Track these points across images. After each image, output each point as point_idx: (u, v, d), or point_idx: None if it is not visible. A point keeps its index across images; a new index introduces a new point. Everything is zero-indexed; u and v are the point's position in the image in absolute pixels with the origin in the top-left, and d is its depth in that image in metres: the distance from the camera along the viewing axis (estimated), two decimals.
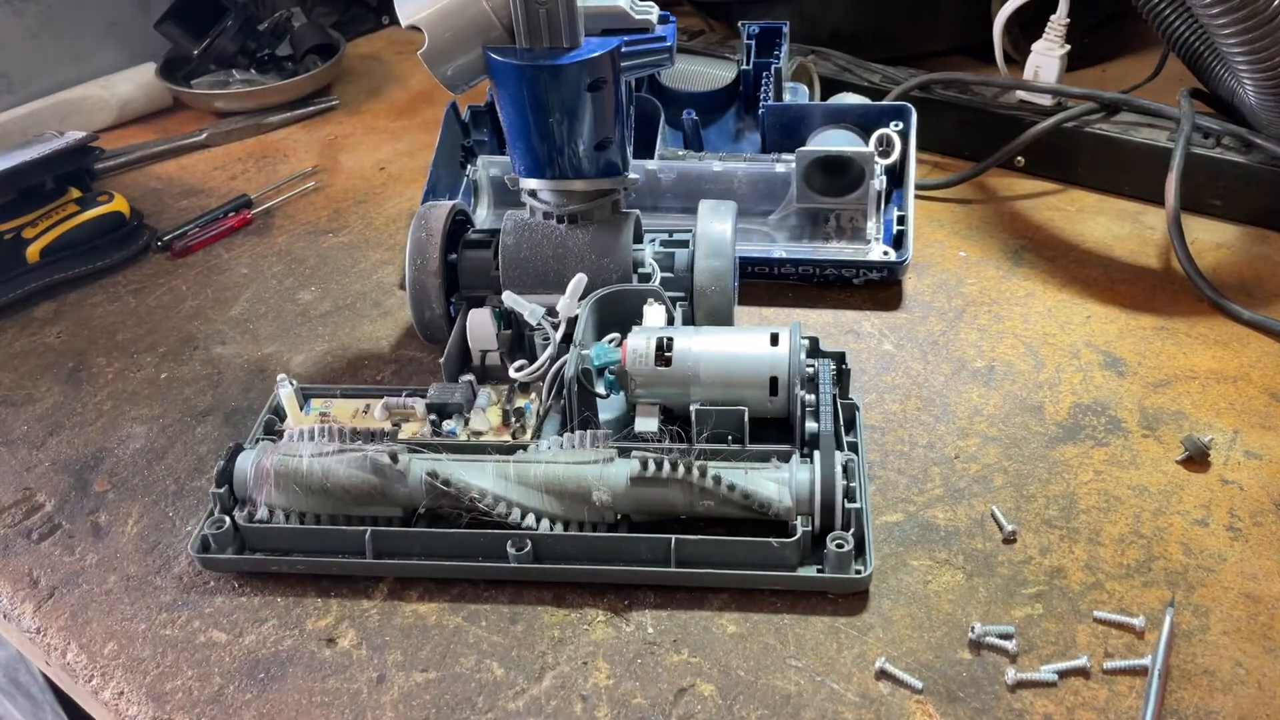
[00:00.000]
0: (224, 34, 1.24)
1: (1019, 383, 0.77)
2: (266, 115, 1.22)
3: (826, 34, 1.20)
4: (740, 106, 1.04)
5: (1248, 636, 0.57)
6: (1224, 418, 0.73)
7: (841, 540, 0.59)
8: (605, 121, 0.69)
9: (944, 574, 0.62)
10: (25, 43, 1.19)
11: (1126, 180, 0.99)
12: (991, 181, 1.03)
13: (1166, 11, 0.94)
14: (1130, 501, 0.66)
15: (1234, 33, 0.80)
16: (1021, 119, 1.01)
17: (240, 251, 0.98)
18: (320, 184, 1.10)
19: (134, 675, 0.58)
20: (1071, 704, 0.54)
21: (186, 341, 0.86)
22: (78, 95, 1.22)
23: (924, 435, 0.72)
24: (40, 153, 0.94)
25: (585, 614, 0.60)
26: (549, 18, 0.64)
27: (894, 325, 0.84)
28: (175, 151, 1.17)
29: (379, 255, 0.96)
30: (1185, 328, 0.82)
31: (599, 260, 0.74)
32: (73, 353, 0.86)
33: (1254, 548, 0.63)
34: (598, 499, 0.61)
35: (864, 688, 0.56)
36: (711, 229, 0.76)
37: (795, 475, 0.61)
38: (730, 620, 0.60)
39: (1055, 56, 1.00)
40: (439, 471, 0.61)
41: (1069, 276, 0.89)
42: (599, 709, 0.55)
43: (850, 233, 0.92)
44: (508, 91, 0.67)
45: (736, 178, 0.93)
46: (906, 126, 0.93)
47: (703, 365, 0.65)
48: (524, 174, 0.73)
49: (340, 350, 0.84)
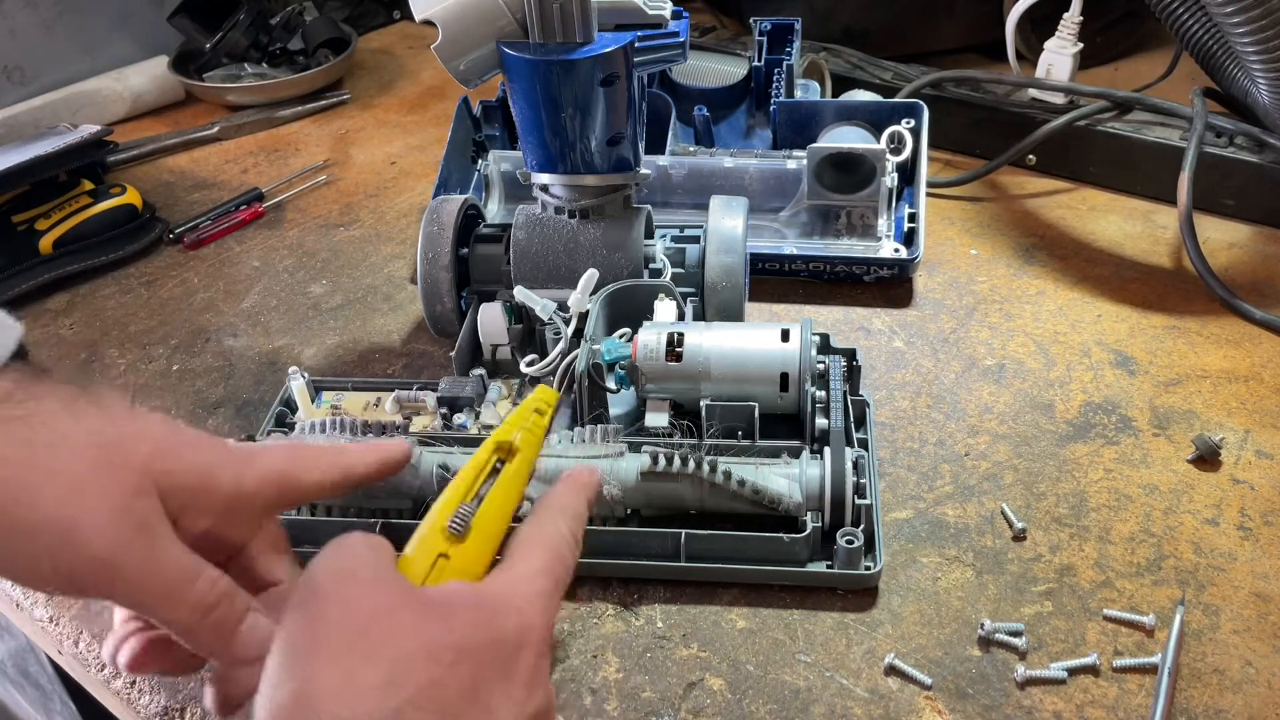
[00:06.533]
0: (236, 28, 1.24)
1: (1030, 381, 0.77)
2: (278, 109, 1.22)
3: (838, 31, 1.20)
4: (752, 103, 1.04)
5: (1258, 636, 0.57)
6: (1235, 417, 0.72)
7: (851, 536, 0.59)
8: (618, 117, 0.69)
9: (954, 571, 0.62)
10: (38, 35, 1.20)
11: (1138, 179, 0.99)
12: (1003, 179, 1.03)
13: (1180, 10, 0.94)
14: (1141, 500, 0.66)
15: (1248, 32, 0.80)
16: (1033, 117, 1.01)
17: (252, 244, 0.99)
18: (332, 178, 1.10)
19: None
20: (1081, 701, 0.54)
21: (198, 333, 0.86)
22: (90, 88, 1.22)
23: (934, 432, 0.72)
24: (53, 145, 0.95)
25: (595, 607, 0.61)
26: (563, 12, 0.64)
27: (904, 322, 0.84)
28: (187, 144, 1.18)
29: (390, 249, 0.97)
30: (1197, 327, 0.82)
31: (610, 255, 0.74)
32: (85, 344, 0.86)
33: (1265, 547, 0.63)
34: (608, 493, 0.61)
35: (873, 683, 0.56)
36: (723, 225, 0.76)
37: (805, 471, 0.61)
38: (740, 615, 0.60)
39: (1067, 55, 1.00)
40: (450, 464, 0.62)
41: (1080, 275, 0.89)
42: (608, 702, 0.55)
43: (861, 230, 0.91)
44: (520, 86, 0.67)
45: (748, 174, 0.93)
46: (918, 124, 0.93)
47: (713, 361, 0.65)
48: (536, 169, 0.73)
49: (351, 343, 0.84)
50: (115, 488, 0.39)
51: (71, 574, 0.37)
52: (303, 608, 0.37)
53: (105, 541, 0.38)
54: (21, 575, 0.38)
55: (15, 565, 0.37)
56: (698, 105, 0.99)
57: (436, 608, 0.37)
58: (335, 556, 0.39)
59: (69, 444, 0.39)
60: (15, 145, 0.98)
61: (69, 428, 0.39)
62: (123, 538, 0.38)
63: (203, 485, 0.42)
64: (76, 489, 0.38)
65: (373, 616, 0.36)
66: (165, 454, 0.41)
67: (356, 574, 0.38)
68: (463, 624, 0.37)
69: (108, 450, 0.39)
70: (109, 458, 0.39)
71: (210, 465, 0.42)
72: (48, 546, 0.37)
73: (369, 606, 0.36)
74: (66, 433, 0.39)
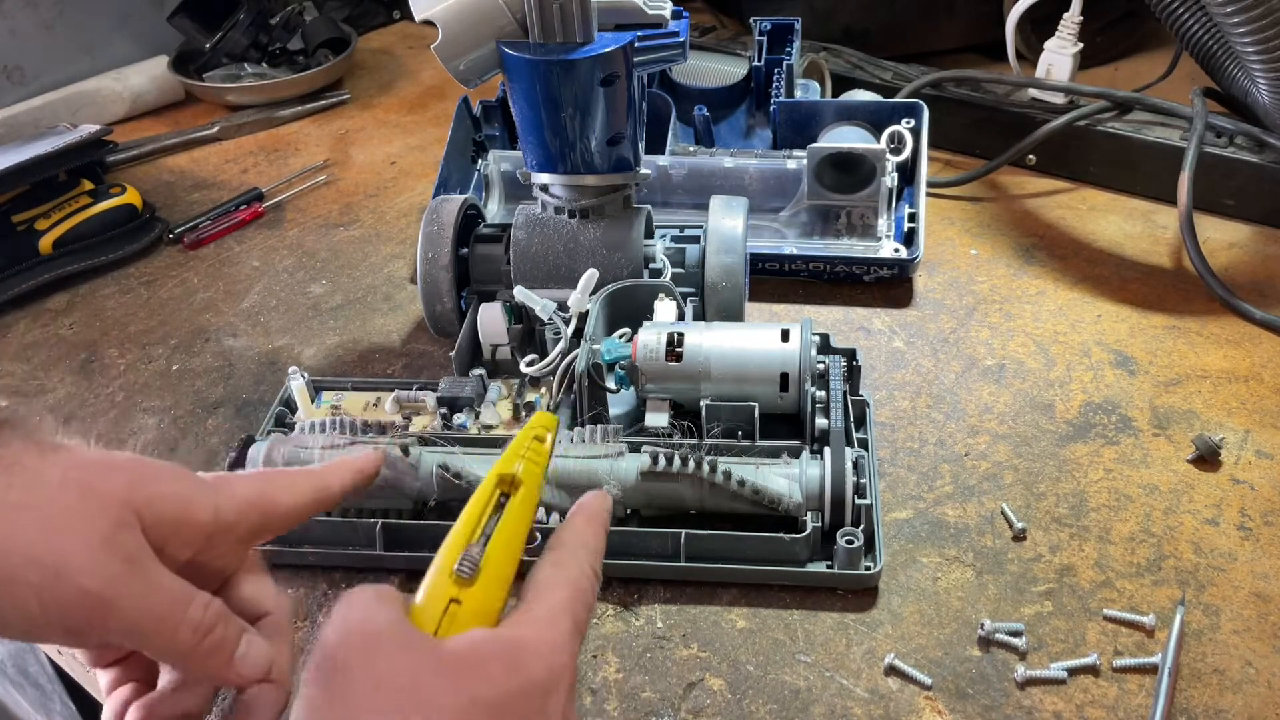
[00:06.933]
0: (236, 27, 1.24)
1: (1029, 381, 0.77)
2: (278, 109, 1.23)
3: (838, 30, 1.20)
4: (752, 103, 1.04)
5: (1258, 636, 0.57)
6: (1235, 417, 0.72)
7: (851, 536, 0.59)
8: (618, 117, 0.69)
9: (954, 571, 0.62)
10: (38, 35, 1.20)
11: (1138, 179, 0.99)
12: (1003, 179, 1.03)
13: (1180, 10, 0.94)
14: (1141, 500, 0.66)
15: (1248, 32, 0.80)
16: (1033, 117, 1.01)
17: (252, 244, 0.99)
18: (331, 178, 1.10)
19: None
20: (1081, 701, 0.54)
21: (198, 333, 0.86)
22: (90, 88, 1.22)
23: (934, 432, 0.72)
24: (53, 145, 0.95)
25: (595, 607, 0.60)
26: (562, 12, 0.64)
27: (904, 322, 0.83)
28: (187, 144, 1.18)
29: (390, 249, 0.97)
30: (1197, 327, 0.82)
31: (610, 255, 0.74)
32: (85, 344, 0.86)
33: (1265, 547, 0.63)
34: (608, 493, 0.61)
35: (873, 683, 0.56)
36: (723, 225, 0.76)
37: (805, 471, 0.61)
38: (740, 615, 0.60)
39: (1068, 55, 1.00)
40: (450, 464, 0.62)
41: (1080, 275, 0.89)
42: (608, 702, 0.55)
43: (861, 230, 0.91)
44: (520, 86, 0.67)
45: (748, 174, 0.93)
46: (918, 124, 0.93)
47: (713, 361, 0.65)
48: (536, 169, 0.73)
49: (351, 343, 0.84)
50: (99, 521, 0.38)
51: (62, 613, 0.37)
52: (327, 682, 0.35)
53: (95, 575, 0.37)
54: (7, 622, 0.37)
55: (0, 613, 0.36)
56: (698, 105, 0.99)
57: (465, 664, 0.36)
58: (350, 619, 0.37)
59: (44, 483, 0.38)
60: (15, 145, 0.98)
61: (41, 466, 0.38)
62: (112, 570, 0.37)
63: (183, 515, 0.41)
64: (59, 526, 0.37)
65: (402, 686, 0.35)
66: (142, 485, 0.40)
67: (379, 639, 0.36)
68: (493, 677, 0.36)
69: (85, 486, 0.38)
70: (88, 492, 0.38)
71: (187, 495, 0.42)
72: (34, 586, 0.36)
73: (397, 675, 0.35)
74: (40, 471, 0.38)
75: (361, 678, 0.35)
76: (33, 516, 0.37)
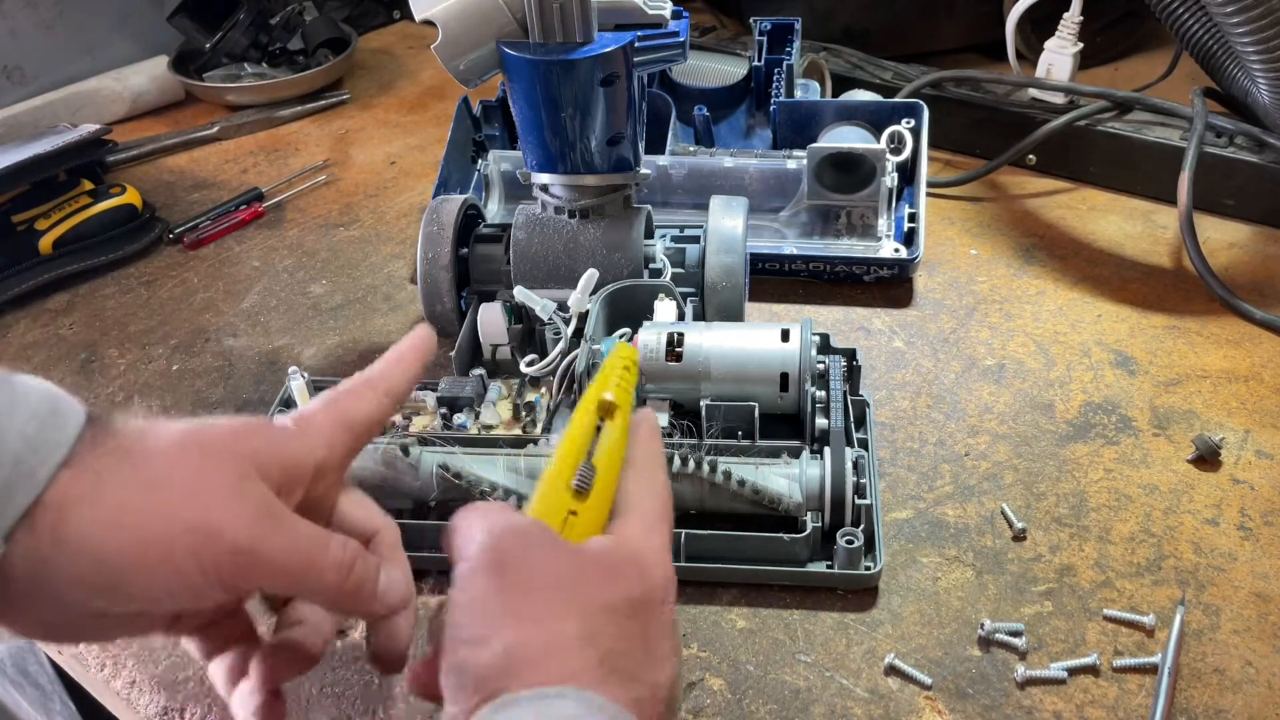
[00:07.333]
0: (236, 28, 1.24)
1: (1029, 381, 0.77)
2: (278, 109, 1.22)
3: (838, 30, 1.20)
4: (752, 103, 1.04)
5: (1258, 636, 0.57)
6: (1235, 417, 0.72)
7: (851, 536, 0.59)
8: (618, 116, 0.69)
9: (954, 571, 0.62)
10: (38, 35, 1.20)
11: (1138, 179, 0.99)
12: (1003, 179, 1.03)
13: (1180, 10, 0.94)
14: (1141, 500, 0.66)
15: (1248, 32, 0.80)
16: (1033, 117, 1.01)
17: (252, 244, 0.99)
18: (331, 178, 1.10)
19: (146, 665, 0.59)
20: (1081, 701, 0.54)
21: (198, 333, 0.86)
22: (90, 88, 1.22)
23: (934, 432, 0.72)
24: (53, 145, 0.95)
25: None
26: (563, 12, 0.64)
27: (904, 322, 0.83)
28: (187, 144, 1.18)
29: (390, 249, 0.97)
30: (1197, 327, 0.82)
31: (610, 255, 0.74)
32: (85, 344, 0.86)
33: (1265, 547, 0.63)
34: None
35: (873, 683, 0.56)
36: (723, 225, 0.76)
37: (805, 471, 0.61)
38: (740, 615, 0.60)
39: (1068, 54, 1.00)
40: (450, 464, 0.62)
41: (1080, 275, 0.89)
42: None
43: (861, 230, 0.91)
44: (520, 86, 0.67)
45: (748, 174, 0.93)
46: (918, 124, 0.93)
47: (713, 361, 0.65)
48: (536, 169, 0.73)
49: (351, 343, 0.84)
50: (229, 478, 0.39)
51: (220, 572, 0.38)
52: (489, 572, 0.39)
53: (242, 530, 0.38)
54: (173, 593, 0.38)
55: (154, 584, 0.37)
56: (698, 105, 0.99)
57: (606, 566, 0.40)
58: (495, 521, 0.40)
59: (163, 456, 0.39)
60: (15, 145, 0.98)
61: (151, 445, 0.39)
62: (254, 522, 0.39)
63: (287, 460, 0.42)
64: (196, 489, 0.38)
65: (561, 581, 0.39)
66: (245, 438, 0.41)
67: (530, 539, 0.40)
68: (627, 579, 0.40)
69: (201, 449, 0.40)
70: (206, 454, 0.39)
71: (282, 440, 0.42)
72: (194, 552, 0.37)
73: (555, 569, 0.39)
74: (153, 449, 0.39)
75: (525, 569, 0.39)
76: (169, 489, 0.38)
